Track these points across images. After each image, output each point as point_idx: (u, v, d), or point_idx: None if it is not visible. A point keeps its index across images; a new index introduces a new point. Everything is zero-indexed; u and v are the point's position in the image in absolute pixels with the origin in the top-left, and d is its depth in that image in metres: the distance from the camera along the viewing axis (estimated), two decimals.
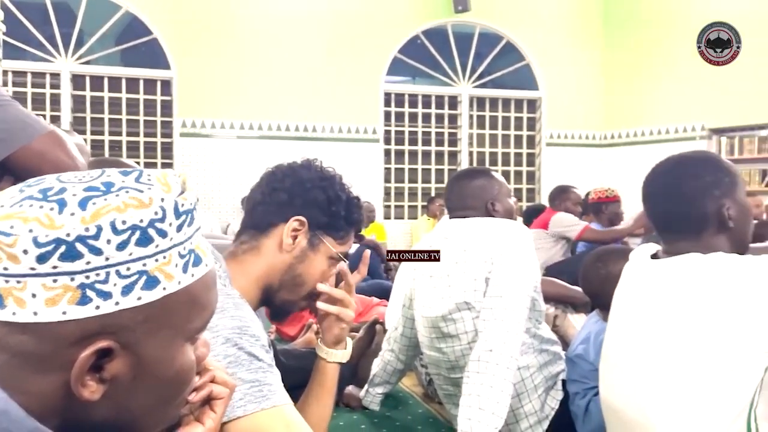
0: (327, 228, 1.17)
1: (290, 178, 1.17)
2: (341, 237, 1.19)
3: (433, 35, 7.18)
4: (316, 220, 1.15)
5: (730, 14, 6.56)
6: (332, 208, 1.16)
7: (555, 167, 7.64)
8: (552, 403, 1.84)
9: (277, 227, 1.14)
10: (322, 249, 1.17)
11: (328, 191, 1.16)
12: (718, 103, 6.68)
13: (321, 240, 1.16)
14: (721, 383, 1.13)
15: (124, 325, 0.52)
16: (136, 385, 0.54)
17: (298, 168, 1.19)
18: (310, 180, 1.16)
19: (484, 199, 1.90)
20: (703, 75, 6.76)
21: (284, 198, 1.15)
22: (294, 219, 1.14)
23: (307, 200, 1.15)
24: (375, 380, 2.24)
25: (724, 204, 1.24)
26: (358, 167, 6.85)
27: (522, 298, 1.66)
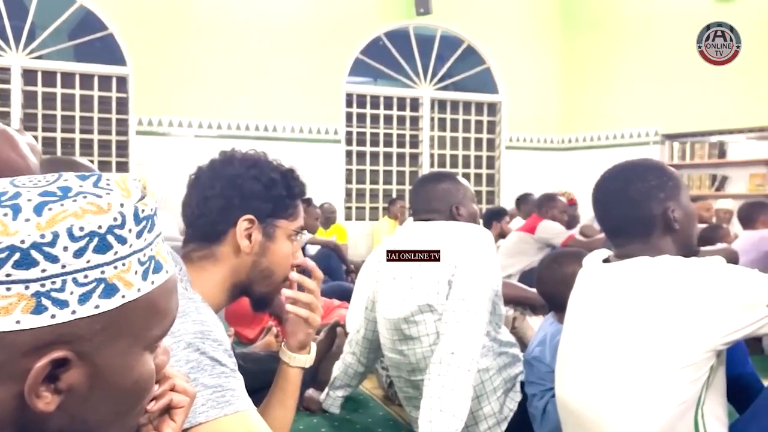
0: (275, 213, 1.14)
1: (219, 180, 1.13)
2: (291, 214, 1.17)
3: (395, 37, 7.21)
4: (262, 210, 1.12)
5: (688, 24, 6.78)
6: (272, 193, 1.13)
7: (514, 170, 7.76)
8: (511, 405, 1.86)
9: (227, 233, 1.11)
10: (279, 234, 1.15)
11: (261, 178, 1.13)
12: (671, 110, 6.90)
13: (275, 226, 1.14)
14: (670, 382, 1.16)
15: (81, 335, 0.50)
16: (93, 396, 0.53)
17: (221, 167, 1.15)
18: (239, 175, 1.12)
19: (449, 203, 1.92)
20: (657, 82, 6.97)
21: (222, 203, 1.11)
22: (242, 219, 1.10)
23: (245, 196, 1.11)
24: (336, 383, 2.23)
25: (669, 206, 1.30)
26: (320, 168, 6.83)
27: (484, 302, 1.68)
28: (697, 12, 6.72)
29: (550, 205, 4.32)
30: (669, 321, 1.17)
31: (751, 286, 1.15)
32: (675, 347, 1.16)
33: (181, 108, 6.33)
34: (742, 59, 6.38)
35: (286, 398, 1.19)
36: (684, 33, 6.78)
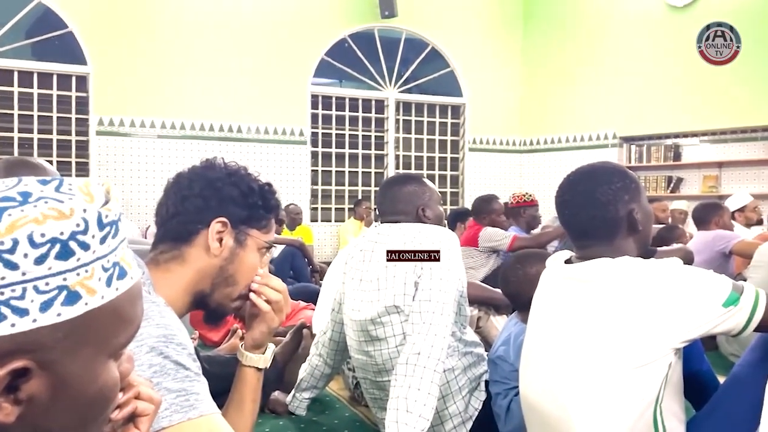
0: (249, 221, 1.15)
1: (198, 182, 1.13)
2: (264, 226, 1.17)
3: (361, 39, 7.22)
4: (237, 216, 1.13)
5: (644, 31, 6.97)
6: (249, 201, 1.14)
7: (477, 172, 7.85)
8: (475, 404, 1.89)
9: (199, 234, 1.11)
10: (249, 243, 1.15)
11: (240, 185, 1.14)
12: (628, 114, 7.07)
13: (247, 234, 1.14)
14: (631, 380, 1.20)
15: (43, 344, 0.49)
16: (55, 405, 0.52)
17: (203, 170, 1.16)
18: (219, 179, 1.14)
19: (416, 204, 1.93)
20: (615, 87, 7.15)
21: (199, 203, 1.11)
22: (216, 221, 1.11)
23: (222, 199, 1.12)
24: (302, 385, 2.22)
25: (633, 208, 1.33)
26: (285, 169, 6.79)
27: (449, 303, 1.70)
28: (652, 19, 6.91)
29: (487, 209, 4.21)
30: (629, 321, 1.20)
31: (707, 287, 1.20)
32: (635, 346, 1.19)
33: (144, 107, 6.22)
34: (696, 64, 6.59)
35: (243, 401, 1.18)
36: (641, 39, 6.98)
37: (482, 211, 4.23)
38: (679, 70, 6.67)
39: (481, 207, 4.26)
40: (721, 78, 6.35)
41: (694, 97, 6.58)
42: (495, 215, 4.20)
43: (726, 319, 1.19)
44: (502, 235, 4.02)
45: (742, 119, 6.36)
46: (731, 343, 3.06)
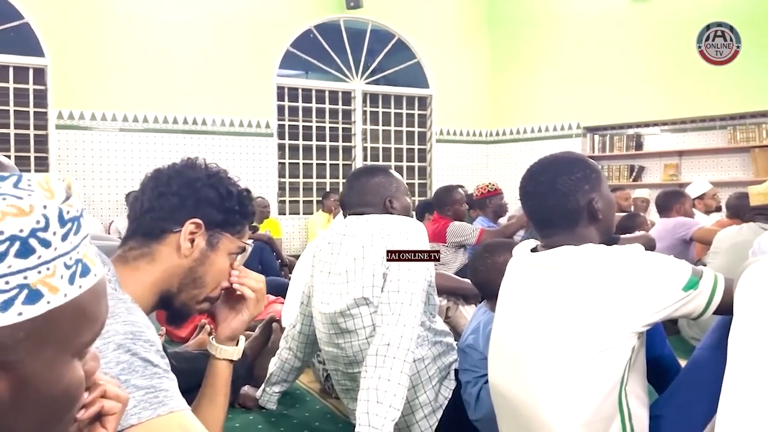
0: (223, 225, 1.14)
1: (177, 180, 1.12)
2: (238, 231, 1.17)
3: (326, 30, 7.17)
4: (212, 219, 1.12)
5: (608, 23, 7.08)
6: (226, 204, 1.13)
7: (444, 163, 7.89)
8: (445, 393, 1.91)
9: (171, 233, 1.10)
10: (221, 247, 1.14)
11: (219, 188, 1.13)
12: (591, 104, 7.19)
13: (219, 238, 1.14)
14: (596, 364, 1.23)
15: (3, 344, 0.48)
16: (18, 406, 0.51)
17: (183, 169, 1.15)
18: (199, 179, 1.13)
19: (383, 196, 1.94)
20: (579, 77, 7.25)
21: (175, 202, 1.10)
22: (190, 222, 1.10)
23: (199, 200, 1.11)
24: (272, 379, 2.22)
25: (593, 198, 1.36)
26: (252, 162, 6.73)
27: (418, 293, 1.71)
28: (615, 11, 7.03)
29: (449, 199, 4.17)
30: (592, 306, 1.23)
31: (667, 272, 1.23)
32: (599, 331, 1.22)
33: (105, 100, 6.08)
34: (657, 56, 6.73)
35: (216, 394, 1.18)
36: (604, 31, 7.10)
37: (444, 203, 4.20)
38: (641, 61, 6.81)
39: (443, 198, 4.23)
40: (681, 69, 6.51)
41: (654, 88, 6.72)
42: (458, 205, 4.17)
43: (686, 303, 1.22)
44: (470, 229, 4.03)
45: (701, 109, 6.53)
46: (692, 327, 3.16)
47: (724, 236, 3.22)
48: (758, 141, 6.31)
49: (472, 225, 4.15)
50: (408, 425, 1.86)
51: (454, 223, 4.05)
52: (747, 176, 6.31)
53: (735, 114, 6.43)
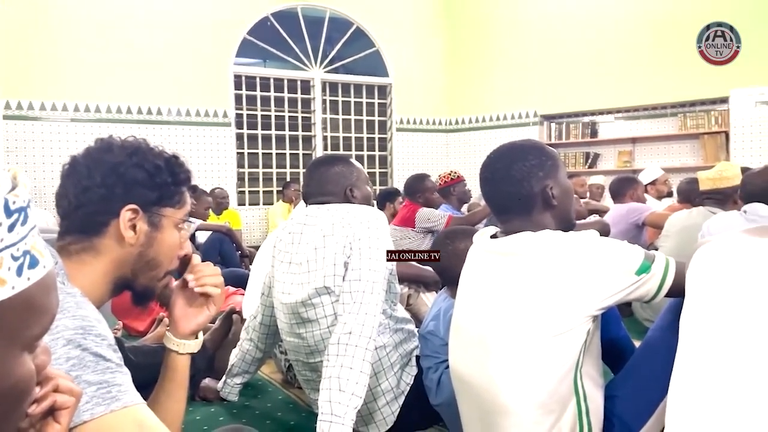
0: (161, 201, 1.09)
1: (99, 169, 1.06)
2: (178, 201, 1.12)
3: (284, 18, 7.08)
4: (147, 199, 1.07)
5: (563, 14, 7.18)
6: (157, 180, 1.08)
7: (405, 151, 7.91)
8: (407, 379, 1.92)
9: (109, 224, 1.05)
10: (165, 223, 1.10)
11: (145, 165, 1.07)
12: (548, 93, 7.30)
13: (161, 216, 1.09)
14: (553, 347, 1.25)
15: None
16: None
17: (100, 154, 1.08)
18: (121, 163, 1.06)
19: (343, 185, 1.93)
20: (535, 66, 7.35)
21: (103, 193, 1.04)
22: (125, 210, 1.05)
23: (128, 185, 1.06)
24: (233, 370, 2.20)
25: (548, 184, 1.39)
26: (210, 152, 6.62)
27: (379, 282, 1.72)
28: (570, 3, 7.13)
29: (420, 187, 4.26)
30: (549, 291, 1.26)
31: (620, 257, 1.26)
32: (555, 315, 1.25)
33: (55, 90, 5.88)
34: (610, 46, 6.87)
35: (175, 388, 1.16)
36: (559, 22, 7.20)
37: (416, 191, 4.28)
38: (595, 50, 6.94)
39: (414, 186, 4.32)
40: (634, 58, 6.66)
41: (609, 76, 6.86)
42: (428, 193, 4.28)
43: (639, 286, 1.26)
44: (438, 215, 4.11)
45: (653, 97, 6.70)
46: (645, 309, 3.25)
47: (675, 220, 3.33)
48: (707, 128, 6.52)
49: (440, 212, 4.21)
50: (370, 412, 1.87)
51: (423, 209, 4.13)
52: (696, 162, 6.51)
53: (685, 102, 6.63)
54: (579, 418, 1.29)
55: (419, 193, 4.25)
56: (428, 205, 4.23)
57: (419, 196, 4.23)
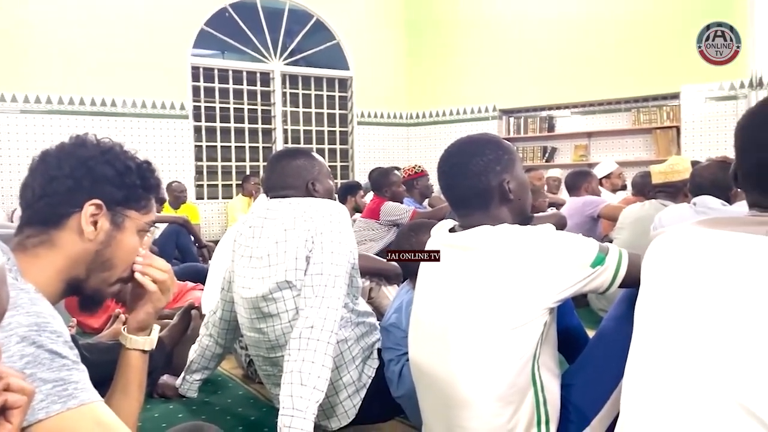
0: (127, 202, 1.08)
1: (68, 161, 1.05)
2: (144, 206, 1.11)
3: (242, 9, 6.97)
4: (113, 197, 1.06)
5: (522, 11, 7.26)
6: (126, 180, 1.07)
7: (366, 145, 7.91)
8: (369, 372, 1.93)
9: (71, 217, 1.03)
10: (127, 225, 1.09)
11: (116, 164, 1.07)
12: (507, 88, 7.40)
13: (124, 216, 1.08)
14: (511, 339, 1.28)
15: None
16: None
17: (73, 148, 1.07)
18: (92, 158, 1.06)
19: (305, 179, 1.92)
20: (495, 61, 7.43)
21: (70, 184, 1.03)
22: (89, 204, 1.03)
23: (96, 180, 1.05)
24: (192, 367, 2.17)
25: (505, 178, 1.41)
26: (166, 145, 6.49)
27: (341, 276, 1.72)
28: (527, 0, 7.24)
29: (386, 182, 4.31)
30: (507, 284, 1.28)
31: (576, 250, 1.29)
32: (513, 308, 1.27)
33: (4, 80, 5.67)
34: (567, 42, 7.00)
35: (129, 385, 1.14)
36: (518, 18, 7.29)
37: (382, 185, 4.34)
38: (552, 46, 7.06)
39: (380, 181, 4.38)
40: (590, 54, 6.80)
41: (565, 72, 6.99)
42: (395, 187, 4.34)
43: (594, 278, 1.29)
44: (403, 209, 4.17)
45: (608, 92, 6.86)
46: (600, 300, 3.33)
47: (629, 213, 3.41)
48: (659, 123, 6.71)
49: (405, 206, 4.26)
50: (332, 406, 1.87)
51: (389, 202, 4.18)
52: (649, 156, 6.70)
53: (638, 97, 6.81)
54: (537, 409, 1.31)
55: (386, 187, 4.32)
56: (395, 198, 4.29)
57: (386, 190, 4.30)
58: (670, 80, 6.41)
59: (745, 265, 0.92)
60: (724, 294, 0.92)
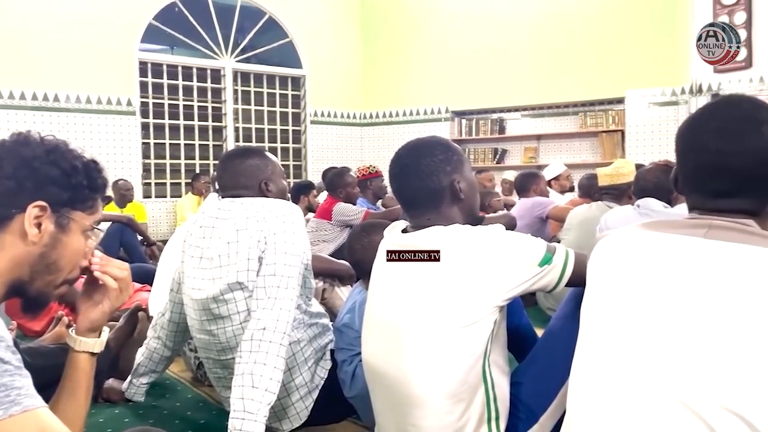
0: (72, 203, 1.05)
1: (10, 161, 1.00)
2: (90, 207, 1.08)
3: (192, 4, 6.84)
4: (58, 199, 1.02)
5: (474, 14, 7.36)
6: (72, 181, 1.04)
7: (319, 144, 7.87)
8: (321, 373, 1.93)
9: (13, 219, 0.99)
10: (73, 227, 1.05)
11: (61, 163, 1.03)
12: (459, 90, 7.49)
13: (70, 218, 1.05)
14: (462, 337, 1.30)
15: None
16: None
17: (15, 146, 1.03)
18: (36, 157, 1.01)
19: (258, 178, 1.90)
20: (447, 63, 7.52)
21: (12, 186, 0.99)
22: (33, 206, 0.99)
23: (40, 181, 1.01)
24: (139, 370, 2.12)
25: (455, 179, 1.44)
26: (112, 142, 6.30)
27: (294, 277, 1.71)
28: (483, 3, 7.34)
29: (341, 182, 4.29)
30: (457, 283, 1.30)
31: (524, 250, 1.32)
32: (464, 306, 1.29)
33: None
34: (518, 45, 7.13)
35: (77, 389, 1.11)
36: (470, 20, 7.39)
37: (337, 185, 4.31)
38: (504, 49, 7.18)
39: (335, 181, 4.34)
40: (540, 58, 6.96)
41: (516, 75, 7.13)
42: (350, 188, 4.31)
43: (542, 277, 1.32)
44: (356, 210, 4.15)
45: (557, 96, 7.03)
46: (548, 299, 3.41)
47: (576, 214, 3.51)
48: (605, 126, 6.91)
49: (357, 207, 4.25)
50: (284, 408, 1.86)
51: (341, 203, 4.15)
52: (595, 159, 6.89)
53: (585, 101, 7.00)
54: (487, 406, 1.34)
55: (340, 188, 4.29)
56: (349, 200, 4.26)
57: (340, 191, 4.27)
58: (616, 85, 6.62)
59: (682, 266, 0.96)
60: (663, 294, 0.96)
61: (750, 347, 0.86)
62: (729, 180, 1.00)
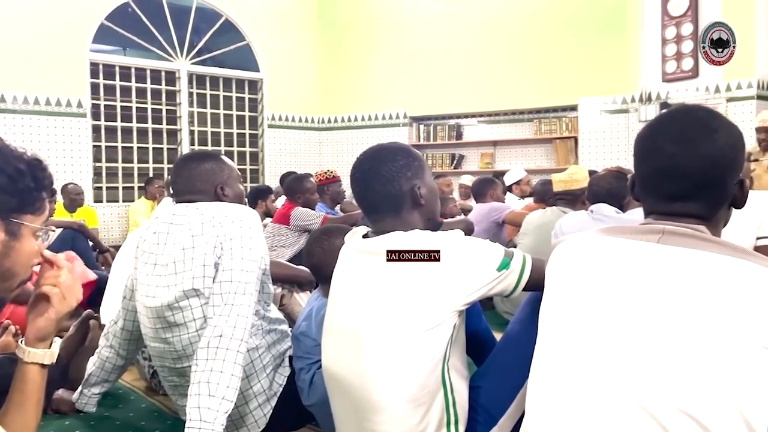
0: (21, 208, 1.01)
1: None
2: (39, 208, 1.04)
3: (146, 4, 6.70)
4: (7, 206, 0.99)
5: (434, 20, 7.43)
6: (19, 186, 1.00)
7: (277, 149, 7.81)
8: (280, 380, 1.90)
9: None
10: (24, 232, 1.02)
11: (6, 169, 0.99)
12: (417, 95, 7.55)
13: (20, 223, 1.01)
14: (421, 342, 1.30)
15: None
16: None
17: None
18: None
19: (214, 183, 1.87)
20: (405, 69, 7.56)
21: None
22: None
23: None
24: (91, 380, 2.06)
25: (416, 184, 1.45)
26: (62, 144, 6.12)
27: (252, 283, 1.68)
28: (440, 10, 7.42)
29: (300, 188, 4.27)
30: (417, 288, 1.30)
31: (482, 255, 1.34)
32: (423, 311, 1.30)
33: None
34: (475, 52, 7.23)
35: (26, 401, 1.07)
36: (428, 27, 7.46)
37: (296, 191, 4.27)
38: (461, 56, 7.27)
39: (294, 186, 4.30)
40: (496, 65, 7.07)
41: (473, 82, 7.23)
42: (309, 194, 4.28)
43: (500, 282, 1.34)
44: (313, 215, 4.12)
45: (512, 103, 7.16)
46: (505, 303, 3.46)
47: (532, 218, 3.57)
48: (559, 133, 7.07)
49: (315, 212, 4.22)
50: (242, 416, 1.83)
51: (299, 208, 4.13)
52: (550, 164, 7.04)
53: (540, 108, 7.15)
54: (446, 410, 1.35)
55: (299, 193, 4.26)
56: (307, 205, 4.24)
57: (299, 197, 4.25)
58: (569, 93, 6.78)
59: (637, 271, 0.99)
60: (618, 298, 0.99)
61: (702, 350, 0.89)
62: (683, 183, 1.04)
